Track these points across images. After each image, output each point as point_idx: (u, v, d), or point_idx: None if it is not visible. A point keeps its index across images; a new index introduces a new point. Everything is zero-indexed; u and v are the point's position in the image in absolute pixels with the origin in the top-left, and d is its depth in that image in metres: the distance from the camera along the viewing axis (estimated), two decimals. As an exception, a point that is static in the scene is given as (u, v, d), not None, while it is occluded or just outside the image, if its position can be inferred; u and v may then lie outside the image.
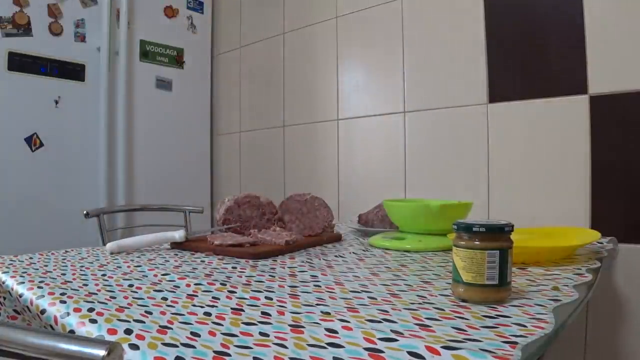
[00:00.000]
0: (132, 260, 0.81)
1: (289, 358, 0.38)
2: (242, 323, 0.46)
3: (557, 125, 1.15)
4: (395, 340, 0.40)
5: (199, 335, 0.42)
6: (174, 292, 0.58)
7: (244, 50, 2.03)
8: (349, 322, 0.45)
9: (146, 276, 0.68)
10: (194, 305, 0.52)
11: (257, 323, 0.46)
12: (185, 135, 2.01)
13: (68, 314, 0.49)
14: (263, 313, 0.49)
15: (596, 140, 1.09)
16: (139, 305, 0.52)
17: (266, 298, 0.55)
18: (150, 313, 0.49)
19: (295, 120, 1.80)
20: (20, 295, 0.59)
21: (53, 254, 0.86)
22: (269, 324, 0.46)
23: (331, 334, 0.43)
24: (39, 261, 0.78)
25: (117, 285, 0.62)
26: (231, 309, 0.51)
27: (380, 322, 0.45)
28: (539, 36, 1.18)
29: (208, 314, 0.49)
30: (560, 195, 1.14)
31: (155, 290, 0.59)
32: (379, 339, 0.41)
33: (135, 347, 0.39)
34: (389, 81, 1.50)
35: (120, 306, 0.51)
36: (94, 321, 0.46)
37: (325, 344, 0.41)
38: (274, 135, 1.88)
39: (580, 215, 1.11)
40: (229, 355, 0.38)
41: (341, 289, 0.60)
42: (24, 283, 0.61)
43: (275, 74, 1.88)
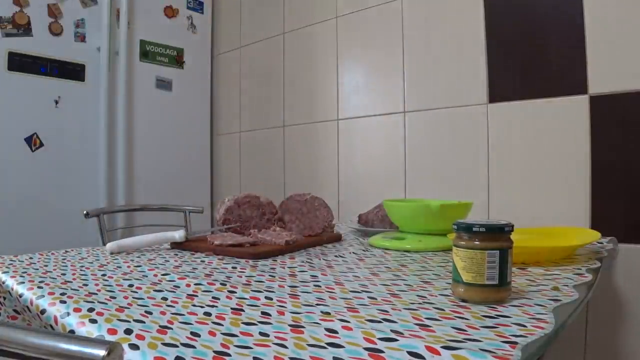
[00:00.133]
0: (132, 260, 0.81)
1: (289, 358, 0.38)
2: (242, 323, 0.46)
3: (557, 125, 1.15)
4: (395, 340, 0.40)
5: (199, 335, 0.42)
6: (174, 292, 0.58)
7: (244, 50, 2.03)
8: (349, 322, 0.45)
9: (146, 276, 0.68)
10: (194, 305, 0.52)
11: (257, 323, 0.46)
12: (185, 135, 2.02)
13: (68, 314, 0.49)
14: (263, 313, 0.49)
15: (596, 140, 1.09)
16: (139, 305, 0.52)
17: (266, 298, 0.55)
18: (150, 313, 0.49)
19: (295, 120, 1.80)
20: (20, 295, 0.59)
21: (53, 254, 0.86)
22: (269, 324, 0.46)
23: (331, 334, 0.43)
24: (39, 261, 0.78)
25: (117, 285, 0.62)
26: (231, 309, 0.51)
27: (380, 322, 0.45)
28: (539, 36, 1.18)
29: (208, 314, 0.49)
30: (560, 195, 1.14)
31: (155, 290, 0.59)
32: (379, 339, 0.41)
33: (135, 347, 0.39)
34: (389, 81, 1.50)
35: (120, 306, 0.51)
36: (94, 321, 0.46)
37: (325, 344, 0.41)
38: (274, 135, 1.88)
39: (580, 215, 1.11)
40: (229, 355, 0.38)
41: (341, 289, 0.60)
42: (24, 283, 0.61)
43: (275, 74, 1.88)
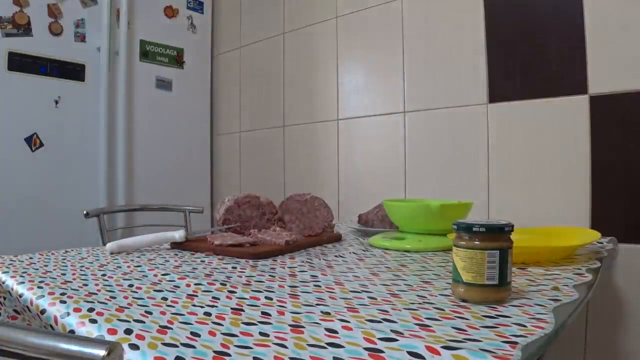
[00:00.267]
0: (132, 260, 0.81)
1: (289, 358, 0.38)
2: (242, 323, 0.46)
3: (557, 125, 1.15)
4: (395, 340, 0.40)
5: (199, 335, 0.42)
6: (174, 292, 0.58)
7: (244, 50, 2.03)
8: (349, 322, 0.45)
9: (146, 276, 0.68)
10: (194, 305, 0.52)
11: (257, 323, 0.46)
12: (185, 135, 2.02)
13: (68, 314, 0.49)
14: (263, 313, 0.49)
15: (596, 140, 1.09)
16: (139, 305, 0.52)
17: (266, 298, 0.55)
18: (150, 313, 0.49)
19: (295, 120, 1.80)
20: (20, 295, 0.59)
21: (53, 254, 0.86)
22: (269, 324, 0.46)
23: (331, 334, 0.43)
24: (39, 261, 0.78)
25: (117, 285, 0.62)
26: (231, 309, 0.51)
27: (380, 322, 0.45)
28: (539, 36, 1.18)
29: (208, 314, 0.49)
30: (560, 195, 1.14)
31: (155, 290, 0.59)
32: (379, 339, 0.41)
33: (135, 347, 0.39)
34: (389, 81, 1.50)
35: (120, 306, 0.51)
36: (94, 321, 0.46)
37: (325, 344, 0.41)
38: (274, 135, 1.88)
39: (580, 215, 1.11)
40: (229, 355, 0.38)
41: (341, 289, 0.60)
42: (24, 283, 0.61)
43: (275, 74, 1.88)
